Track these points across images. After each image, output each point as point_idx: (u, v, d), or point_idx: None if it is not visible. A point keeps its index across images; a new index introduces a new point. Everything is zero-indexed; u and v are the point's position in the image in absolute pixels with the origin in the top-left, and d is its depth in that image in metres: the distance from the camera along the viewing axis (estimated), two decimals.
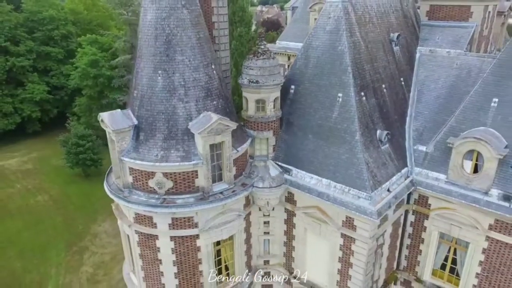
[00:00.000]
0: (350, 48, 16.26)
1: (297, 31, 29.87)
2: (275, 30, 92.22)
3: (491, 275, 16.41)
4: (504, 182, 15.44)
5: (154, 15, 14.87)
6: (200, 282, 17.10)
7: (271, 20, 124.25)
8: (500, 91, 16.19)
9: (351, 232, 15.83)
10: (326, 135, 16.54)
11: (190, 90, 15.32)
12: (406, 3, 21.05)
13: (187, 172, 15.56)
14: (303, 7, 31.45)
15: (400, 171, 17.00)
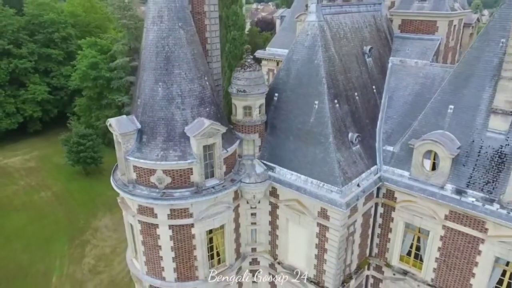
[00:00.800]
0: (325, 61, 18.70)
1: (285, 39, 32.21)
2: (269, 31, 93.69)
3: (448, 259, 18.93)
4: (457, 178, 17.94)
5: (156, 35, 17.25)
6: (195, 265, 19.54)
7: (266, 19, 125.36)
8: (455, 99, 18.68)
9: (325, 221, 18.31)
10: (304, 137, 18.98)
11: (186, 99, 17.71)
12: (380, 18, 23.49)
13: (183, 170, 17.95)
14: (290, 17, 33.82)
15: (370, 168, 19.47)
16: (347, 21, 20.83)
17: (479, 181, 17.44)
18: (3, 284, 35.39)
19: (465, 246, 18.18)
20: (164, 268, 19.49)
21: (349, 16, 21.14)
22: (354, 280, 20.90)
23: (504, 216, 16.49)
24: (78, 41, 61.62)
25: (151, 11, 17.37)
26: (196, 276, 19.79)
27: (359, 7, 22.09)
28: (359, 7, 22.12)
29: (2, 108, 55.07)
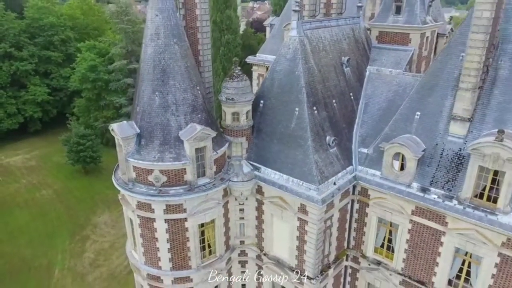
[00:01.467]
0: (304, 73, 20.83)
1: (274, 46, 34.22)
2: (263, 32, 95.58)
3: (415, 250, 21.12)
4: (422, 178, 20.13)
5: (153, 50, 19.32)
6: (188, 256, 21.66)
7: (260, 20, 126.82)
8: (421, 106, 20.86)
9: (305, 216, 20.47)
10: (286, 140, 21.12)
11: (180, 107, 19.81)
12: (358, 30, 25.62)
13: (178, 169, 20.05)
14: (279, 25, 35.87)
15: (346, 168, 21.63)
16: (326, 35, 22.95)
17: (441, 180, 19.64)
18: (8, 277, 37.45)
19: (429, 238, 20.39)
20: (160, 258, 21.59)
21: (328, 30, 23.26)
22: (333, 270, 23.11)
23: (461, 211, 18.68)
24: (77, 43, 63.58)
25: (149, 28, 19.43)
26: (189, 266, 21.92)
27: (338, 21, 24.21)
28: (338, 21, 24.25)
29: (3, 109, 56.96)
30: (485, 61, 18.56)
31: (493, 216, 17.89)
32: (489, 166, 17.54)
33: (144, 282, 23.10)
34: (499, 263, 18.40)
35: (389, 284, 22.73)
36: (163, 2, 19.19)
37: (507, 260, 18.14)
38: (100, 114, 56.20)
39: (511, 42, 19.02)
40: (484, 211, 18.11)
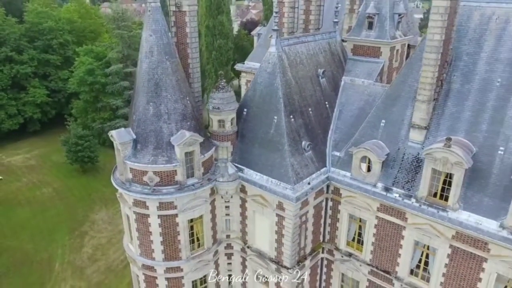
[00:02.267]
0: (282, 85, 23.38)
1: (261, 54, 36.36)
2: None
3: (380, 243, 23.75)
4: (385, 178, 22.74)
5: (147, 65, 21.82)
6: (179, 248, 24.20)
7: (253, 21, 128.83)
8: (386, 114, 23.47)
9: (282, 212, 23.05)
10: (266, 145, 23.67)
11: (171, 115, 22.32)
12: (334, 44, 28.19)
13: (169, 171, 22.57)
14: (266, 35, 38.36)
15: (320, 170, 24.22)
16: (303, 49, 25.51)
17: (402, 181, 22.27)
18: (12, 270, 39.85)
19: (392, 232, 23.03)
20: (154, 250, 24.13)
21: (305, 45, 25.81)
22: (309, 261, 25.72)
23: (417, 208, 21.31)
24: (75, 46, 65.83)
25: (144, 47, 21.93)
26: (180, 257, 24.47)
27: (315, 37, 26.76)
28: (315, 36, 26.80)
29: (4, 110, 59.20)
30: (438, 77, 21.20)
31: (444, 213, 20.54)
32: (440, 169, 20.18)
33: (140, 272, 25.66)
34: (450, 254, 21.05)
35: (359, 274, 25.38)
36: (156, 24, 21.69)
37: (457, 251, 20.79)
38: (97, 116, 58.56)
39: (462, 59, 21.67)
40: (437, 208, 20.75)
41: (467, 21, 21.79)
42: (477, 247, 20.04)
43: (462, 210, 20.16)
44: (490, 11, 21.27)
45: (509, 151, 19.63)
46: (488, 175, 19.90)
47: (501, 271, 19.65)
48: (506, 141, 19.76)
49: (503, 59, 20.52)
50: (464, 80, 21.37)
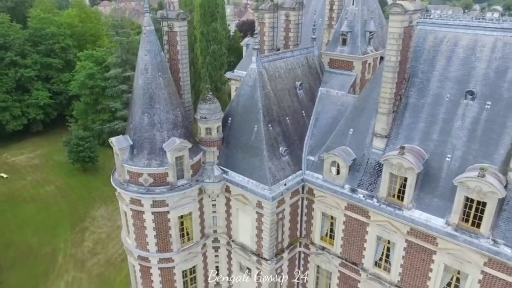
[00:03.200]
0: (261, 97, 26.43)
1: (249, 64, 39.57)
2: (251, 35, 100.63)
3: (349, 237, 26.81)
4: (352, 180, 25.78)
5: (143, 81, 24.86)
6: (170, 241, 27.27)
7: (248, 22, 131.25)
8: (354, 124, 26.51)
9: (261, 210, 26.12)
10: (248, 151, 26.72)
11: (163, 125, 25.37)
12: (312, 58, 31.22)
13: (161, 173, 25.62)
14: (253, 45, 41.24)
15: (296, 172, 27.26)
16: (282, 65, 28.55)
17: (366, 183, 25.33)
18: (18, 263, 42.96)
19: (358, 228, 26.10)
20: (148, 243, 27.21)
21: (284, 60, 28.85)
22: (287, 254, 28.80)
23: (377, 207, 24.33)
24: (76, 50, 68.79)
25: (139, 64, 24.96)
26: (171, 249, 27.54)
27: (293, 52, 29.79)
28: (293, 52, 29.83)
29: (9, 112, 62.23)
30: (397, 92, 24.27)
31: (399, 211, 23.61)
32: (396, 173, 23.26)
33: (136, 262, 28.76)
34: (406, 247, 24.12)
35: (331, 266, 28.46)
36: (150, 45, 24.74)
37: (411, 245, 23.86)
38: (97, 117, 61.55)
39: (418, 76, 24.72)
40: (394, 207, 23.81)
41: (423, 43, 24.84)
42: (427, 242, 23.11)
43: (415, 209, 23.24)
44: (442, 35, 24.33)
45: (455, 158, 22.70)
46: (438, 179, 22.98)
47: (448, 262, 22.73)
48: (453, 150, 22.83)
49: (452, 77, 23.59)
50: (419, 95, 24.44)
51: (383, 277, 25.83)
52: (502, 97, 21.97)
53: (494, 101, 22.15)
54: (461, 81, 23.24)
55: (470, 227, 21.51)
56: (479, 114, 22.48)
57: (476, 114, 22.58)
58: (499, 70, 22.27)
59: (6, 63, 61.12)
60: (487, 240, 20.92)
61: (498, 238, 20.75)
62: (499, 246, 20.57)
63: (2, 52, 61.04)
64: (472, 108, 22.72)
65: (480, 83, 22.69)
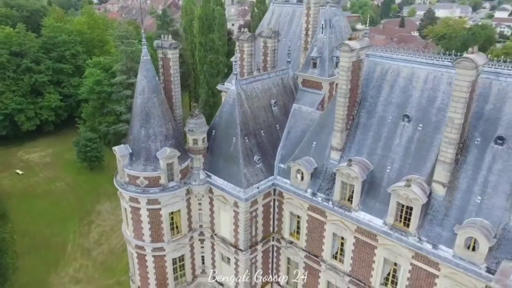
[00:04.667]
0: (239, 114, 31.55)
1: None
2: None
3: (311, 233, 31.85)
4: (313, 186, 30.81)
5: (141, 101, 30.12)
6: (162, 233, 32.58)
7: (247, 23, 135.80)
8: (317, 138, 31.54)
9: (237, 209, 31.31)
10: (228, 159, 31.89)
11: (157, 137, 30.63)
12: (287, 78, 36.23)
13: (155, 177, 30.89)
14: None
15: (268, 178, 32.38)
16: (258, 86, 33.62)
17: (324, 188, 30.37)
18: (32, 251, 48.61)
19: (318, 226, 31.16)
20: (144, 234, 32.53)
21: (261, 82, 33.92)
22: (261, 246, 33.95)
23: (332, 209, 29.29)
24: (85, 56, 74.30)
25: (138, 87, 30.25)
26: (163, 240, 32.84)
27: (269, 74, 34.84)
28: (269, 74, 34.88)
29: (24, 113, 68.04)
30: (349, 113, 29.23)
31: (348, 212, 28.64)
32: (345, 181, 28.30)
33: (133, 250, 34.13)
34: (354, 243, 29.16)
35: (298, 257, 33.52)
36: (147, 72, 30.05)
37: (358, 241, 28.85)
38: (104, 120, 67.05)
39: (368, 100, 29.64)
40: (344, 209, 28.84)
41: (372, 72, 29.78)
42: (370, 238, 28.10)
43: (360, 211, 28.22)
44: (388, 66, 29.25)
45: (393, 170, 27.64)
46: (380, 186, 27.93)
47: (386, 255, 27.68)
48: (392, 163, 27.80)
49: (393, 102, 28.51)
50: (368, 116, 29.41)
51: (338, 268, 30.84)
52: (431, 121, 26.82)
53: (424, 124, 27.04)
54: (401, 106, 28.15)
55: (402, 227, 26.44)
56: (413, 134, 27.38)
57: (410, 134, 27.48)
58: (430, 99, 27.14)
59: (22, 69, 66.83)
60: (414, 237, 25.81)
61: (422, 236, 25.63)
62: (423, 243, 25.47)
63: (18, 59, 66.71)
64: (408, 129, 27.65)
65: (415, 108, 27.60)
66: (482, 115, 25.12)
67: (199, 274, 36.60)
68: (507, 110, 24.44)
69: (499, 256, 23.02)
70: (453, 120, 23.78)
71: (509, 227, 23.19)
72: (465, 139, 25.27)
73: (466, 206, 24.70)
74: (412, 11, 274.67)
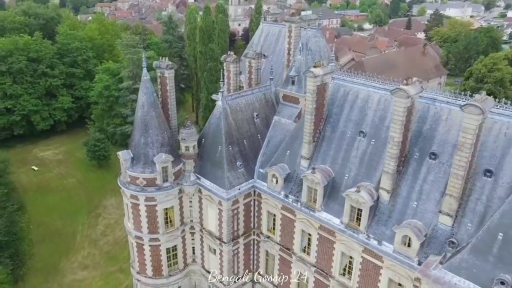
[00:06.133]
0: (224, 125, 36.87)
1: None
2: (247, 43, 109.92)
3: (284, 229, 37.10)
4: (286, 189, 35.96)
5: (141, 114, 35.65)
6: (158, 226, 38.12)
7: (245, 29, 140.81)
8: (290, 147, 36.82)
9: (221, 207, 36.72)
10: (214, 164, 37.29)
11: (154, 144, 36.15)
12: (269, 94, 41.48)
13: (152, 178, 36.43)
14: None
15: (248, 181, 37.73)
16: (242, 101, 38.93)
17: (294, 191, 35.60)
18: (46, 239, 54.50)
19: (289, 223, 36.39)
20: (142, 226, 38.10)
21: (245, 97, 39.22)
22: (242, 239, 39.35)
23: (300, 209, 34.51)
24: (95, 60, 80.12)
25: (139, 102, 35.78)
26: (158, 232, 38.38)
27: (253, 91, 40.14)
28: (253, 90, 40.17)
29: (39, 114, 74.27)
30: (316, 128, 34.41)
31: (313, 212, 33.87)
32: (310, 186, 33.53)
33: (133, 240, 39.79)
34: (318, 238, 34.40)
35: (274, 250, 38.86)
36: (146, 89, 35.58)
37: (321, 236, 34.05)
38: (111, 121, 72.87)
39: (332, 117, 34.78)
40: (310, 209, 34.07)
41: (336, 92, 34.91)
42: (330, 235, 33.31)
43: (323, 211, 33.44)
44: (349, 88, 34.37)
45: (350, 177, 32.78)
46: (339, 191, 33.06)
47: (343, 250, 32.89)
48: (349, 171, 32.97)
49: (353, 120, 33.63)
50: (332, 131, 34.59)
51: (306, 259, 36.10)
52: (381, 137, 31.89)
53: (376, 139, 32.16)
54: (358, 123, 33.30)
55: (354, 226, 31.63)
56: (367, 148, 32.53)
57: (365, 147, 32.63)
58: (381, 118, 32.23)
59: (38, 74, 72.98)
60: (363, 235, 30.96)
61: (370, 234, 30.75)
62: (370, 240, 30.62)
63: (35, 65, 72.83)
64: (363, 143, 32.80)
65: (369, 125, 32.72)
66: (421, 133, 30.19)
67: (190, 262, 42.20)
68: (440, 130, 29.45)
69: (428, 252, 28.06)
70: (393, 138, 28.86)
71: (437, 228, 28.24)
72: (406, 154, 30.38)
73: (406, 209, 29.83)
74: (422, 10, 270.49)
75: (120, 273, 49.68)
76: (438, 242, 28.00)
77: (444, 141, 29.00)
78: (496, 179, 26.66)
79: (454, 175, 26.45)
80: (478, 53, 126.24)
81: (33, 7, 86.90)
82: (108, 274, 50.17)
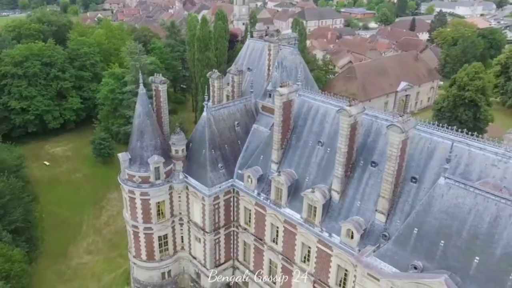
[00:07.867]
0: (208, 133, 43.41)
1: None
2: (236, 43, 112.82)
3: (258, 222, 43.66)
4: (259, 188, 42.55)
5: (138, 122, 42.33)
6: (151, 217, 44.87)
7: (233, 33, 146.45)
8: (264, 153, 43.19)
9: (204, 202, 43.32)
10: (199, 165, 43.86)
11: (149, 148, 42.82)
12: (249, 105, 47.88)
13: (146, 176, 43.12)
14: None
15: (228, 180, 44.29)
16: (225, 111, 45.42)
17: (265, 190, 42.02)
18: (56, 227, 61.50)
19: (261, 217, 42.83)
20: (137, 217, 44.87)
21: (227, 108, 45.69)
22: (223, 230, 45.96)
23: (269, 205, 40.97)
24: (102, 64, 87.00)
25: (136, 112, 42.44)
26: (151, 221, 45.08)
27: (234, 102, 46.59)
28: (235, 102, 46.63)
29: (51, 114, 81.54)
30: (283, 137, 40.75)
31: (279, 208, 40.28)
32: (276, 186, 40.01)
33: (130, 229, 46.63)
34: (283, 230, 40.84)
35: (249, 240, 45.43)
36: (142, 102, 42.24)
37: (286, 229, 40.49)
38: (116, 121, 79.76)
39: (297, 128, 41.09)
40: (277, 206, 40.56)
41: (301, 107, 41.17)
42: (293, 228, 39.69)
43: (287, 208, 39.85)
44: (311, 104, 40.62)
45: (310, 180, 39.04)
46: (300, 190, 39.31)
47: (303, 240, 39.28)
48: (309, 175, 39.34)
49: (313, 131, 39.93)
50: (296, 140, 40.92)
51: (275, 248, 42.51)
52: (335, 147, 37.85)
53: (331, 148, 38.39)
54: (318, 134, 39.57)
55: (311, 220, 38.00)
56: (324, 155, 38.85)
57: (322, 155, 38.95)
58: (335, 131, 38.24)
59: (50, 77, 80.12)
60: (318, 228, 37.31)
61: (323, 227, 37.05)
62: (323, 232, 36.92)
63: (48, 69, 79.99)
64: (320, 151, 39.13)
65: (326, 137, 39.00)
66: (365, 145, 36.45)
67: (179, 250, 48.95)
68: (380, 142, 35.65)
69: (367, 243, 34.27)
70: (340, 149, 35.18)
71: (374, 223, 34.48)
72: (354, 161, 36.70)
73: (351, 208, 36.15)
74: (431, 8, 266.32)
75: (120, 258, 56.53)
76: (375, 235, 34.22)
77: (383, 152, 35.14)
78: (420, 185, 32.85)
79: (385, 180, 32.70)
80: (475, 57, 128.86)
81: (47, 15, 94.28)
82: (110, 258, 57.08)
